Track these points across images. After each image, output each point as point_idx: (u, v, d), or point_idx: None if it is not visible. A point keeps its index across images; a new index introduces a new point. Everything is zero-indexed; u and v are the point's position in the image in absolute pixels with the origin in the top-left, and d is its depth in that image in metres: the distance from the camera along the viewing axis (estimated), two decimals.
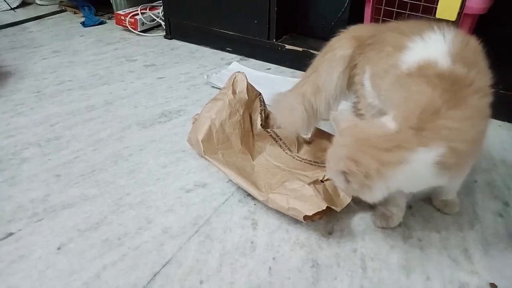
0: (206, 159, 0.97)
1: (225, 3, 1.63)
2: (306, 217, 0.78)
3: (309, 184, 0.83)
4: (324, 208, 0.77)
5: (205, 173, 0.97)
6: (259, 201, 0.86)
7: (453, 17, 1.14)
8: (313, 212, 0.77)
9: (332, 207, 0.80)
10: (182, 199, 0.89)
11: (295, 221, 0.82)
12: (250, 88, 1.05)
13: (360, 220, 0.84)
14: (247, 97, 1.04)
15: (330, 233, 0.81)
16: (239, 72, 1.10)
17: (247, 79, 1.07)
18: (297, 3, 1.58)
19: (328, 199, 0.81)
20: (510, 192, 0.92)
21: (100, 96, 1.33)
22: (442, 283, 0.71)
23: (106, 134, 1.11)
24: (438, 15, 1.15)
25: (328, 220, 0.83)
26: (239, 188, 0.91)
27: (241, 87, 1.05)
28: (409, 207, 0.86)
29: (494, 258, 0.76)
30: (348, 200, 0.83)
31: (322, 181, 0.88)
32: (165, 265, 0.73)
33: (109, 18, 2.12)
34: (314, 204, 0.79)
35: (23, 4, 2.35)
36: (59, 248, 0.76)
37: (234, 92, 1.04)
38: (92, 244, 0.77)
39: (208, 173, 0.97)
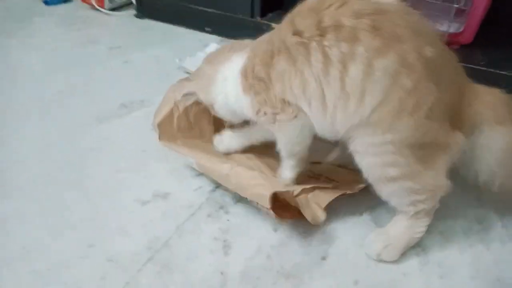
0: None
1: None
2: (275, 211, 0.61)
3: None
4: (294, 195, 0.64)
5: (169, 179, 0.78)
6: (233, 213, 0.69)
7: None
8: (284, 190, 0.64)
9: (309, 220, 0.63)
10: (136, 214, 0.70)
11: (279, 243, 0.64)
12: None
13: (364, 240, 0.65)
14: None
15: (324, 258, 0.63)
16: None
17: None
18: None
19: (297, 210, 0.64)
20: None
21: (53, 84, 1.12)
22: None
23: (55, 132, 0.92)
24: None
25: (321, 240, 0.65)
26: (209, 198, 0.73)
27: None
28: None
29: None
30: (323, 217, 0.64)
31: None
32: None
33: None
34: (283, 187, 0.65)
35: None
36: None
37: None
38: (18, 276, 0.59)
39: (172, 179, 0.78)
